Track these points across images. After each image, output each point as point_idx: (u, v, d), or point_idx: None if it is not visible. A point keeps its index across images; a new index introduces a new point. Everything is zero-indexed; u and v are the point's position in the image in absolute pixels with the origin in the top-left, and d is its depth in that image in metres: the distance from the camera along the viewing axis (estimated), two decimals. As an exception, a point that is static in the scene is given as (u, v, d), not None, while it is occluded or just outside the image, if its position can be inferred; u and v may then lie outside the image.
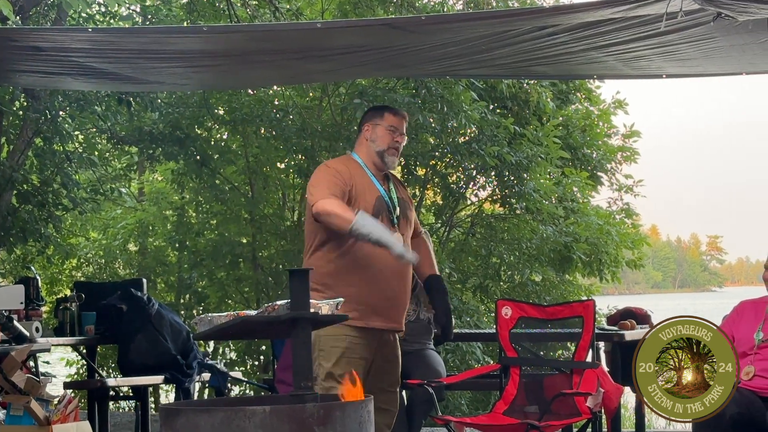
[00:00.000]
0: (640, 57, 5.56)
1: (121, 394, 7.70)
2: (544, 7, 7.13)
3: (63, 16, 8.85)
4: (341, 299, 4.08)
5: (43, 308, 6.84)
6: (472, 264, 11.16)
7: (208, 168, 10.43)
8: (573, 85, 11.96)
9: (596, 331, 5.48)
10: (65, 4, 7.24)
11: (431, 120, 9.89)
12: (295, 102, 10.49)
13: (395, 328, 4.83)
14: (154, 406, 9.89)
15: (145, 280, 7.76)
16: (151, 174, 12.98)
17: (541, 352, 5.83)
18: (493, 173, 10.66)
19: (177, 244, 11.87)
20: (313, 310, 3.77)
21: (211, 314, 3.84)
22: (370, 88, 9.80)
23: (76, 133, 10.53)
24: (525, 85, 10.74)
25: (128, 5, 9.76)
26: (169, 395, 11.63)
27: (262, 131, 10.84)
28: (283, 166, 11.14)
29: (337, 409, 3.55)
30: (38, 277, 6.93)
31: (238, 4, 9.87)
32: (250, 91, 10.47)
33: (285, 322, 3.71)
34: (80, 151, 10.38)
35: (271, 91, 10.70)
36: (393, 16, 9.31)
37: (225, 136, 11.25)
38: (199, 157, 10.32)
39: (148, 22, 9.74)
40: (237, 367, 11.06)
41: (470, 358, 10.11)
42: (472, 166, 10.69)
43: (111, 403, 8.74)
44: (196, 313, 11.25)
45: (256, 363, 11.35)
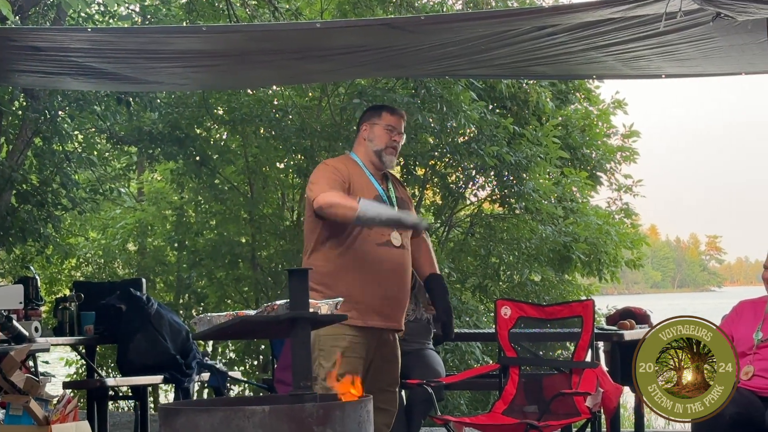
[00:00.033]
0: (640, 57, 5.56)
1: (121, 394, 7.71)
2: (544, 7, 7.12)
3: (62, 15, 8.85)
4: (340, 299, 4.08)
5: (43, 308, 6.84)
6: (472, 264, 11.16)
7: (207, 168, 10.43)
8: (572, 85, 11.97)
9: (595, 330, 5.48)
10: (64, 4, 7.23)
11: (430, 120, 9.88)
12: (294, 102, 10.48)
13: (395, 327, 4.82)
14: (153, 406, 9.88)
15: (144, 280, 7.76)
16: (150, 174, 12.97)
17: (541, 352, 5.83)
18: (493, 173, 10.66)
19: (176, 244, 11.86)
20: (312, 310, 3.77)
21: (210, 314, 3.83)
22: (370, 88, 9.79)
23: (76, 132, 10.53)
24: (524, 85, 10.74)
25: (127, 5, 9.76)
26: (168, 395, 11.61)
27: (262, 131, 10.84)
28: (282, 166, 11.14)
29: (337, 409, 3.55)
30: (37, 277, 6.94)
31: (238, 4, 9.87)
32: (250, 91, 10.46)
33: (284, 322, 3.71)
34: (79, 150, 10.37)
35: (271, 91, 10.70)
36: (392, 16, 9.30)
37: (224, 136, 11.24)
38: (199, 157, 10.32)
39: (148, 22, 9.75)
40: (236, 367, 11.07)
41: (469, 357, 10.11)
42: (472, 166, 10.69)
43: (110, 403, 8.74)
44: (195, 313, 11.24)
45: (256, 363, 11.35)
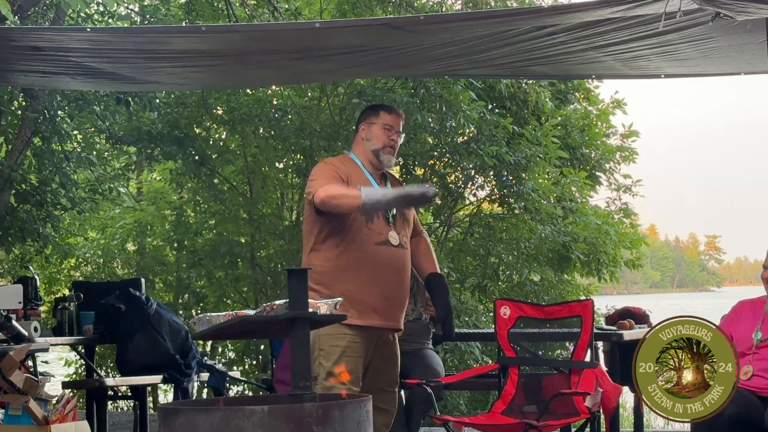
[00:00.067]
0: (639, 57, 5.56)
1: (120, 394, 7.71)
2: (543, 7, 7.13)
3: (61, 15, 8.85)
4: (340, 299, 4.08)
5: (42, 308, 6.85)
6: (471, 264, 11.15)
7: (206, 168, 10.43)
8: (572, 85, 11.96)
9: (595, 330, 5.49)
10: (64, 4, 7.23)
11: (430, 120, 9.87)
12: (293, 102, 10.47)
13: (394, 327, 4.82)
14: (152, 406, 9.89)
15: (143, 280, 7.75)
16: (149, 174, 12.97)
17: (540, 352, 5.83)
18: (492, 173, 10.65)
19: (175, 244, 11.86)
20: (311, 310, 3.76)
21: (209, 314, 3.83)
22: (369, 88, 9.79)
23: (75, 132, 10.53)
24: (524, 85, 10.73)
25: (127, 5, 9.76)
26: (167, 395, 11.61)
27: (261, 131, 10.83)
28: (281, 166, 11.14)
29: (336, 409, 3.55)
30: (36, 277, 6.94)
31: (237, 4, 9.86)
32: (249, 91, 10.46)
33: (283, 322, 3.70)
34: (79, 150, 10.36)
35: (270, 91, 10.69)
36: (392, 16, 9.30)
37: (223, 136, 11.23)
38: (198, 157, 10.31)
39: (147, 22, 9.75)
40: (235, 367, 11.06)
41: (469, 357, 10.10)
42: (471, 166, 10.69)
43: (109, 403, 8.75)
44: (194, 313, 11.24)
45: (255, 363, 11.35)
